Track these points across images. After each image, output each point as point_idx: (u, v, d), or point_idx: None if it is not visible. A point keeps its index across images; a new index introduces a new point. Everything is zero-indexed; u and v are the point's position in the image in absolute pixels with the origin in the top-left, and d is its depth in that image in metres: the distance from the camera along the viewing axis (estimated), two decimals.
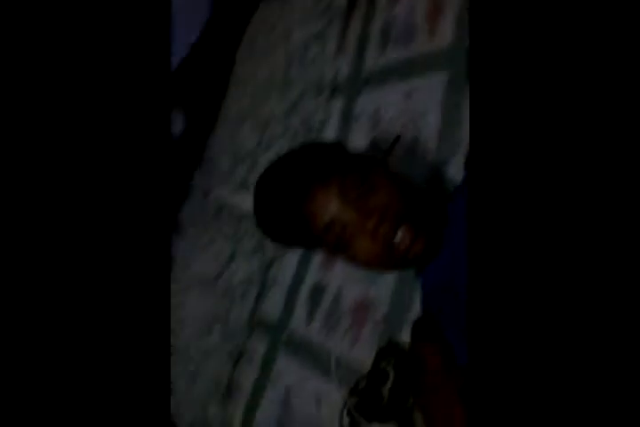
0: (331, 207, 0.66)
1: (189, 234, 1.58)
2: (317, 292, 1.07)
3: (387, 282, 0.91)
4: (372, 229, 0.64)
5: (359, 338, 0.91)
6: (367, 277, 0.95)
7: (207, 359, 1.35)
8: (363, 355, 0.87)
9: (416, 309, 0.81)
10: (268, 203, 0.71)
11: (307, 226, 0.68)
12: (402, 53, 1.08)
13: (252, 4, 1.78)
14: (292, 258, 1.20)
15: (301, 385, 1.00)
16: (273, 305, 1.19)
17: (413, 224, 0.66)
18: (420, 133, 0.93)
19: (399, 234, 0.65)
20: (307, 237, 0.70)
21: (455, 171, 0.83)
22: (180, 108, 1.76)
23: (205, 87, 1.87)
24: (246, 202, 1.55)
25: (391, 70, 1.09)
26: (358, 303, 0.96)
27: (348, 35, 1.23)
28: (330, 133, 1.20)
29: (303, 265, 1.14)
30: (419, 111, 0.96)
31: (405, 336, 0.76)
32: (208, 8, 1.87)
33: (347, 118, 1.13)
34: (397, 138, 0.98)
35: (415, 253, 0.66)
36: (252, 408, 1.12)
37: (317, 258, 1.11)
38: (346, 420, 0.79)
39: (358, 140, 1.10)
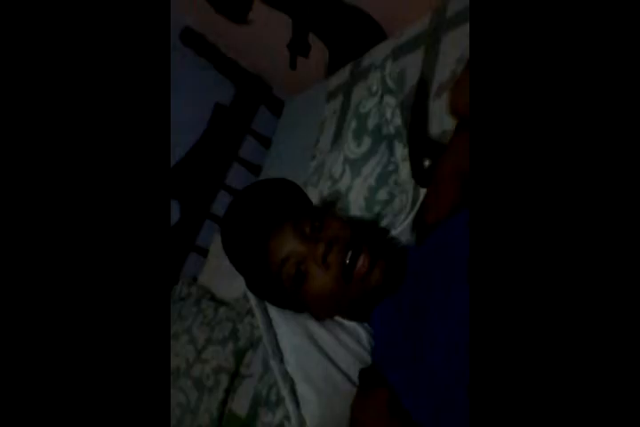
0: (287, 245, 0.68)
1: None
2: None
3: None
4: (321, 256, 0.64)
5: None
6: None
7: None
8: None
9: None
10: (232, 241, 0.74)
11: (266, 264, 0.69)
12: None
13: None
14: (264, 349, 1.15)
15: None
16: (242, 399, 1.14)
17: (370, 249, 0.66)
18: None
19: (359, 260, 0.64)
20: (266, 274, 0.71)
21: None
22: (175, 198, 1.81)
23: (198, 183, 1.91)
24: (225, 289, 1.53)
25: None
26: None
27: None
28: None
29: None
30: None
31: None
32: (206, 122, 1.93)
33: None
34: None
35: (376, 278, 0.65)
36: None
37: None
38: None
39: None
